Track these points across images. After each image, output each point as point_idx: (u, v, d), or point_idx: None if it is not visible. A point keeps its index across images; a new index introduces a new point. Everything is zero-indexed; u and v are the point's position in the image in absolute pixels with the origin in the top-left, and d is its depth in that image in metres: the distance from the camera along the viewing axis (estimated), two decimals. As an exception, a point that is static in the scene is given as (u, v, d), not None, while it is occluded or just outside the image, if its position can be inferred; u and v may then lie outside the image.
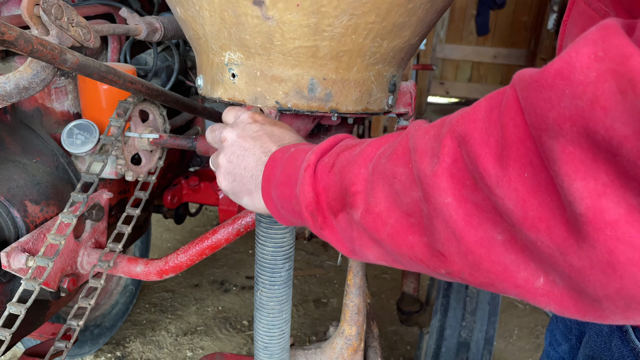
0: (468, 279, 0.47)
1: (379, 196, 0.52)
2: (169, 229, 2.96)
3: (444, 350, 1.53)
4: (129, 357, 2.07)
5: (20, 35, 0.71)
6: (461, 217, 0.44)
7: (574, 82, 0.34)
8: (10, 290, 0.98)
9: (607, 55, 0.33)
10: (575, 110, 0.34)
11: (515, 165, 0.39)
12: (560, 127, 0.35)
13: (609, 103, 0.33)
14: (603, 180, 0.34)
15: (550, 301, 0.42)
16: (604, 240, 0.35)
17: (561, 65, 0.35)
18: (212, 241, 1.09)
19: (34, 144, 1.10)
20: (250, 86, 0.89)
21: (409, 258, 0.51)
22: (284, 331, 1.03)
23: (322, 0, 0.76)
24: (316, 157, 0.61)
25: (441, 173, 0.45)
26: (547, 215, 0.38)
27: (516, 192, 0.39)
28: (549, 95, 0.36)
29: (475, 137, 0.42)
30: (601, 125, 0.33)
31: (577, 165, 0.35)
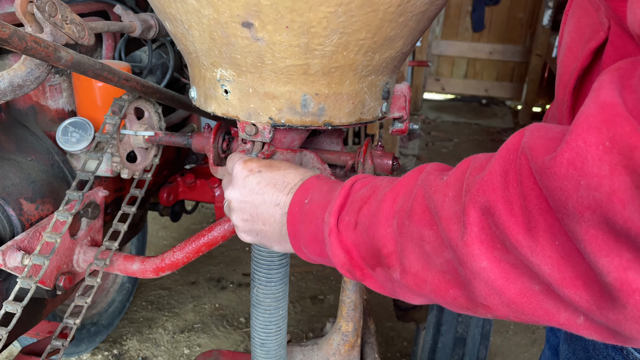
0: (514, 320, 0.51)
1: (412, 258, 0.55)
2: (165, 227, 2.95)
3: (441, 345, 1.54)
4: (126, 355, 2.07)
5: (14, 32, 0.71)
6: (499, 276, 0.47)
7: (588, 174, 0.37)
8: (6, 289, 0.98)
9: (614, 146, 0.36)
10: (593, 201, 0.37)
11: (545, 236, 0.43)
12: (581, 215, 0.38)
13: (626, 196, 0.35)
14: (627, 257, 0.38)
15: (593, 333, 0.46)
16: (633, 303, 0.39)
17: (572, 155, 0.38)
18: (209, 238, 1.09)
19: (29, 142, 1.09)
20: (244, 102, 0.89)
21: (455, 306, 0.55)
22: (280, 328, 1.03)
23: (312, 22, 0.75)
24: (335, 219, 0.63)
25: (472, 242, 0.48)
26: (583, 276, 0.42)
27: (551, 259, 0.43)
28: (565, 185, 0.39)
29: (500, 208, 0.45)
30: (620, 216, 0.36)
31: (601, 245, 0.38)
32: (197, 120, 1.71)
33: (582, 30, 0.60)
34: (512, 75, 5.46)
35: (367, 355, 1.24)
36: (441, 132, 4.84)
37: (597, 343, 0.67)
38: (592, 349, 0.68)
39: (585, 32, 0.59)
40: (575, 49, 0.60)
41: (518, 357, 2.12)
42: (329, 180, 0.71)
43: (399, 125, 1.05)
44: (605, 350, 0.65)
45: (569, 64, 0.62)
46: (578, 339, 0.72)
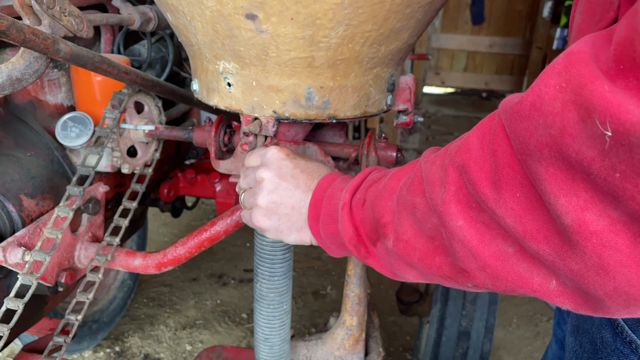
0: (492, 288, 0.52)
1: (405, 225, 0.58)
2: (165, 223, 2.94)
3: (445, 339, 1.53)
4: (127, 352, 2.06)
5: (12, 24, 0.70)
6: (474, 236, 0.49)
7: (544, 113, 0.39)
8: (7, 286, 0.97)
9: (568, 85, 0.37)
10: (550, 137, 0.39)
11: (508, 187, 0.44)
12: (540, 152, 0.40)
13: (574, 130, 0.37)
14: (584, 197, 0.39)
15: (566, 300, 0.47)
16: (592, 247, 0.40)
17: (533, 97, 0.40)
18: (211, 233, 1.08)
19: (28, 138, 1.08)
20: (247, 96, 0.87)
21: (439, 276, 0.57)
22: (284, 322, 1.02)
23: (317, 13, 0.74)
24: (350, 195, 0.66)
25: (449, 200, 0.50)
26: (543, 227, 0.43)
27: (512, 211, 0.45)
28: (527, 125, 0.41)
29: (472, 165, 0.48)
30: (571, 150, 0.38)
31: (560, 184, 0.40)
32: (197, 114, 1.70)
33: (592, 11, 0.59)
34: (512, 68, 5.44)
35: (371, 349, 1.23)
36: (441, 126, 4.83)
37: (605, 336, 0.66)
38: (599, 342, 0.67)
39: (595, 12, 0.58)
40: (586, 29, 0.60)
41: (521, 351, 2.12)
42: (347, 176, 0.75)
43: (404, 117, 1.03)
44: (614, 344, 0.64)
45: None
46: (585, 332, 0.71)
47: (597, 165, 0.37)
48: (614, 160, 0.36)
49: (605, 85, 0.35)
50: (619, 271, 0.39)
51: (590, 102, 0.36)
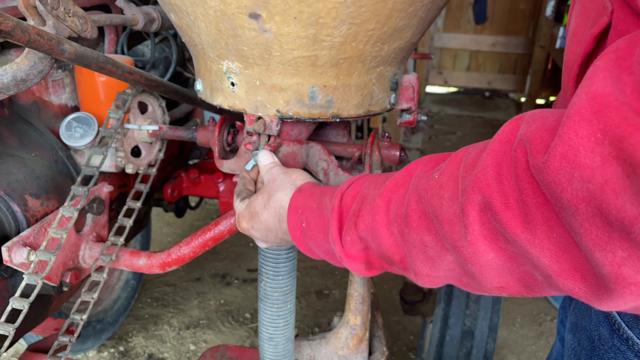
0: (525, 295, 0.53)
1: (419, 263, 0.57)
2: (169, 223, 2.95)
3: (448, 338, 1.53)
4: (132, 352, 2.06)
5: (17, 25, 0.70)
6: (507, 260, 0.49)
7: (581, 166, 0.37)
8: (12, 286, 0.98)
9: (605, 137, 0.36)
10: (587, 192, 0.37)
11: (543, 229, 0.43)
12: (575, 208, 0.39)
13: (618, 186, 0.36)
14: (620, 255, 0.38)
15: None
16: (629, 294, 0.40)
17: (564, 148, 0.38)
18: (215, 233, 1.08)
19: (33, 138, 1.09)
20: (251, 95, 0.88)
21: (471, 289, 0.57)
22: (288, 322, 1.02)
23: (320, 12, 0.74)
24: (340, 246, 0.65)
25: (476, 240, 0.49)
26: (580, 267, 0.43)
27: (549, 252, 0.44)
28: (559, 178, 0.39)
29: (496, 202, 0.46)
30: (612, 206, 0.36)
31: (595, 239, 0.39)
32: (201, 115, 1.70)
33: (587, 15, 0.59)
34: (515, 67, 5.43)
35: (375, 348, 1.23)
36: (444, 126, 4.82)
37: (603, 333, 0.66)
38: (597, 339, 0.68)
39: (590, 17, 0.58)
40: (580, 34, 0.60)
41: (525, 350, 2.11)
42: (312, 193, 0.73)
43: (407, 116, 1.03)
44: (611, 341, 0.65)
45: (573, 49, 0.61)
46: (583, 329, 0.72)
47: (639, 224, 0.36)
48: None
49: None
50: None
51: (633, 158, 0.34)
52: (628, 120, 0.35)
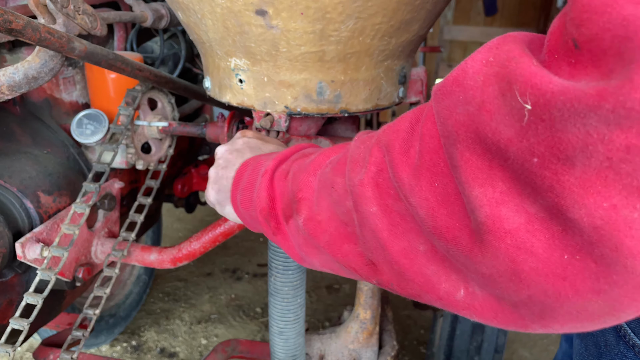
0: (397, 289, 0.47)
1: (323, 205, 0.53)
2: (179, 219, 2.97)
3: (459, 332, 1.53)
4: (144, 346, 2.09)
5: (27, 23, 0.71)
6: (386, 227, 0.44)
7: (465, 87, 0.34)
8: (26, 281, 0.99)
9: (496, 59, 0.33)
10: (467, 115, 0.34)
11: (427, 174, 0.39)
12: (457, 134, 0.35)
13: (493, 106, 0.32)
14: (500, 188, 0.34)
15: (473, 314, 0.41)
16: (505, 249, 0.34)
17: (457, 72, 0.36)
18: (225, 228, 1.09)
19: (45, 135, 1.10)
20: (259, 92, 0.88)
21: (343, 266, 0.52)
22: (298, 316, 1.03)
23: (327, 7, 0.74)
24: (275, 164, 0.62)
25: (367, 182, 0.45)
26: (455, 224, 0.38)
27: (427, 201, 0.39)
28: (448, 103, 0.36)
29: (396, 147, 0.43)
30: (488, 128, 0.33)
31: (475, 172, 0.35)
32: (210, 111, 1.71)
33: None
34: (525, 60, 5.39)
35: (385, 342, 1.24)
36: (454, 119, 4.80)
37: (609, 339, 0.65)
38: (603, 345, 0.67)
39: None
40: None
41: (537, 344, 2.11)
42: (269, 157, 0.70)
43: (415, 110, 1.03)
44: (617, 347, 0.64)
45: None
46: (590, 334, 0.71)
47: (514, 148, 0.32)
48: (532, 140, 0.31)
49: (533, 60, 0.31)
50: (534, 279, 0.34)
51: (513, 74, 0.31)
52: (523, 51, 0.32)
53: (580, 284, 0.32)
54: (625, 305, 0.32)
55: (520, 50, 0.32)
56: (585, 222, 0.30)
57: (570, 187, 0.30)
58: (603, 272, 0.31)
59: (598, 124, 0.28)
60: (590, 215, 0.29)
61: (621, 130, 0.27)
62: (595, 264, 0.31)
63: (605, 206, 0.29)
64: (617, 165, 0.28)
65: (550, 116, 0.29)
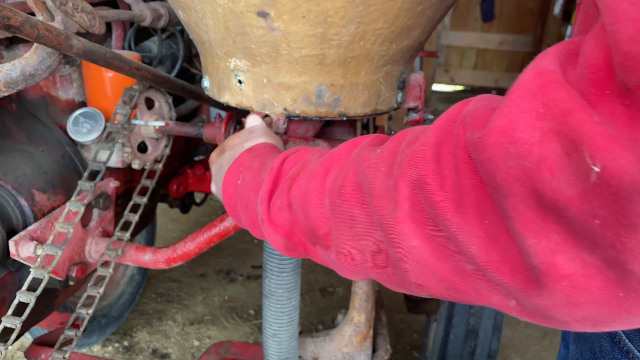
0: (449, 298, 0.48)
1: (344, 239, 0.53)
2: (174, 219, 2.96)
3: (452, 337, 1.53)
4: (136, 347, 2.07)
5: (26, 20, 0.70)
6: (431, 254, 0.44)
7: (518, 142, 0.33)
8: (19, 279, 0.98)
9: (548, 112, 0.32)
10: (522, 170, 0.34)
11: (475, 213, 0.39)
12: (509, 187, 0.35)
13: (556, 164, 0.32)
14: (555, 239, 0.34)
15: (525, 316, 0.43)
16: (561, 289, 0.36)
17: (503, 122, 0.34)
18: (220, 229, 1.08)
19: (40, 133, 1.09)
20: (258, 93, 0.88)
21: (391, 284, 0.52)
22: (292, 318, 1.03)
23: (329, 11, 0.74)
24: (266, 206, 0.62)
25: (402, 220, 0.45)
26: (510, 261, 0.38)
27: (479, 239, 0.39)
28: (494, 154, 0.35)
29: (430, 182, 0.42)
30: (548, 187, 0.33)
31: (528, 224, 0.35)
32: (207, 111, 1.70)
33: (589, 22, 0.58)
34: (523, 66, 5.33)
35: (379, 346, 1.23)
36: (450, 124, 4.80)
37: (604, 345, 0.65)
38: (598, 350, 0.67)
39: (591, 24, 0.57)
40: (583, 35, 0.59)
41: (529, 350, 2.11)
42: (261, 153, 0.70)
43: (414, 115, 1.03)
44: (612, 353, 0.64)
45: None
46: (585, 340, 0.71)
47: (575, 208, 0.32)
48: (595, 204, 0.31)
49: (593, 116, 0.30)
50: (589, 307, 0.36)
51: (577, 134, 0.31)
52: (574, 98, 0.31)
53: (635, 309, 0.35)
54: None
55: (571, 98, 0.32)
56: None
57: (632, 248, 0.31)
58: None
59: None
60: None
61: None
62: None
63: None
64: None
65: (619, 185, 0.30)
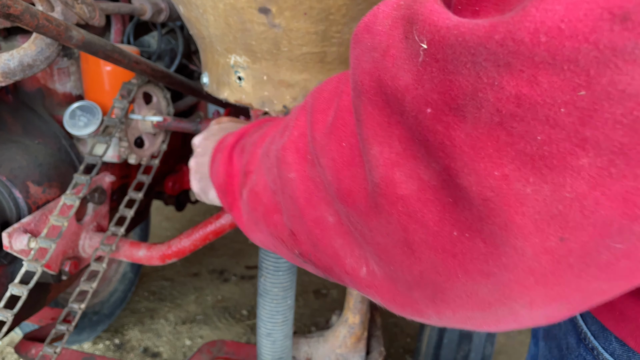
0: (314, 262, 0.45)
1: (260, 174, 0.50)
2: (168, 218, 2.94)
3: (446, 341, 1.53)
4: (127, 345, 2.06)
5: (26, 9, 0.69)
6: (302, 194, 0.41)
7: (374, 33, 0.31)
8: (11, 273, 0.97)
9: (405, 1, 0.30)
10: (372, 62, 0.30)
11: (337, 134, 0.36)
12: (362, 83, 0.31)
13: (396, 50, 0.29)
14: (397, 148, 0.30)
15: (375, 293, 0.38)
16: (397, 216, 0.31)
17: (368, 17, 0.32)
18: (216, 226, 1.07)
19: (36, 125, 1.08)
20: (258, 90, 0.87)
21: (275, 237, 0.49)
22: (287, 318, 1.02)
23: (330, 9, 0.74)
24: (235, 139, 0.60)
25: (288, 147, 0.42)
26: (356, 187, 0.35)
27: (333, 162, 0.36)
28: (357, 52, 0.32)
29: (317, 106, 0.40)
30: (388, 75, 0.29)
31: (376, 128, 0.31)
32: (205, 108, 1.70)
33: None
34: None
35: (373, 348, 1.23)
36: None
37: (570, 342, 0.65)
38: (565, 347, 0.67)
39: None
40: None
41: (522, 356, 2.11)
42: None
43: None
44: (577, 350, 0.64)
45: None
46: (553, 337, 0.71)
47: (410, 96, 0.28)
48: (427, 87, 0.27)
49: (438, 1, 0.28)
50: (424, 253, 0.31)
51: (415, 13, 0.28)
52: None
53: (469, 264, 0.29)
54: (516, 293, 0.29)
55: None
56: (475, 192, 0.26)
57: (461, 146, 0.26)
58: (492, 253, 0.27)
59: (487, 63, 0.24)
60: (480, 183, 0.26)
61: (511, 74, 0.23)
62: (484, 244, 0.27)
63: (496, 175, 0.25)
64: (509, 123, 0.24)
65: (444, 55, 0.26)
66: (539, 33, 0.22)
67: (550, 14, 0.22)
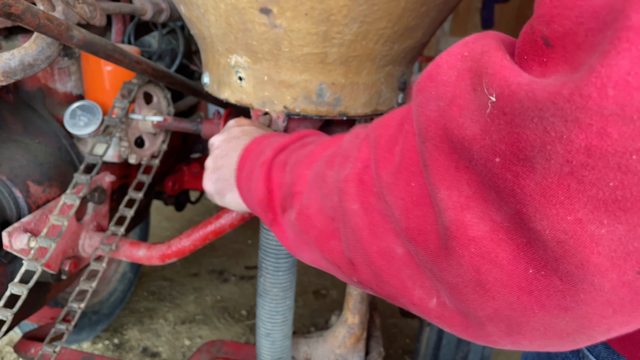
0: (376, 290, 0.45)
1: (312, 198, 0.51)
2: (167, 218, 2.94)
3: (445, 342, 1.53)
4: (126, 345, 2.06)
5: (27, 8, 0.70)
6: (366, 225, 0.42)
7: (438, 83, 0.32)
8: (11, 272, 0.97)
9: (470, 54, 0.31)
10: (437, 111, 0.32)
11: (405, 173, 0.37)
12: (426, 130, 0.33)
13: (463, 101, 0.30)
14: (466, 192, 0.31)
15: (444, 323, 0.39)
16: (469, 258, 0.32)
17: (432, 67, 0.34)
18: (216, 226, 1.07)
19: (37, 125, 1.08)
20: (258, 90, 0.87)
21: (331, 263, 0.50)
22: (286, 318, 1.02)
23: (332, 9, 0.74)
24: (273, 153, 0.60)
25: (351, 179, 0.43)
26: (426, 227, 0.36)
27: (402, 201, 0.37)
28: (422, 99, 0.34)
29: (382, 144, 0.41)
30: (455, 124, 0.31)
31: (442, 173, 0.33)
32: (205, 109, 1.70)
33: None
34: (519, 75, 5.43)
35: (372, 348, 1.23)
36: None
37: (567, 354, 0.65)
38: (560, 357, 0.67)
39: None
40: None
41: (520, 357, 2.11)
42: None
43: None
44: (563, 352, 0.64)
45: None
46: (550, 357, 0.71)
47: (477, 145, 0.29)
48: (494, 137, 0.28)
49: (506, 56, 0.29)
50: (499, 291, 0.32)
51: (484, 67, 0.29)
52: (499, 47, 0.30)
53: (546, 300, 0.30)
54: (595, 323, 0.30)
55: (496, 45, 0.31)
56: (549, 235, 0.28)
57: (532, 194, 0.27)
58: (569, 290, 0.29)
59: (555, 119, 0.25)
60: (553, 227, 0.27)
61: (580, 128, 0.25)
62: (561, 281, 0.29)
63: (569, 219, 0.26)
64: (579, 172, 0.25)
65: (512, 108, 0.27)
66: (607, 87, 0.23)
67: (615, 69, 0.23)
